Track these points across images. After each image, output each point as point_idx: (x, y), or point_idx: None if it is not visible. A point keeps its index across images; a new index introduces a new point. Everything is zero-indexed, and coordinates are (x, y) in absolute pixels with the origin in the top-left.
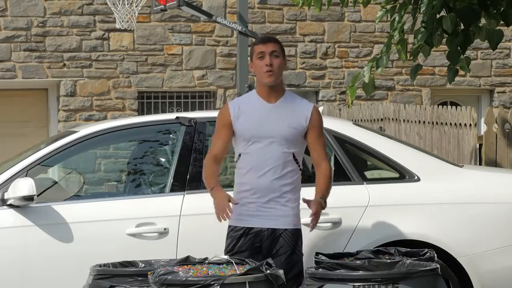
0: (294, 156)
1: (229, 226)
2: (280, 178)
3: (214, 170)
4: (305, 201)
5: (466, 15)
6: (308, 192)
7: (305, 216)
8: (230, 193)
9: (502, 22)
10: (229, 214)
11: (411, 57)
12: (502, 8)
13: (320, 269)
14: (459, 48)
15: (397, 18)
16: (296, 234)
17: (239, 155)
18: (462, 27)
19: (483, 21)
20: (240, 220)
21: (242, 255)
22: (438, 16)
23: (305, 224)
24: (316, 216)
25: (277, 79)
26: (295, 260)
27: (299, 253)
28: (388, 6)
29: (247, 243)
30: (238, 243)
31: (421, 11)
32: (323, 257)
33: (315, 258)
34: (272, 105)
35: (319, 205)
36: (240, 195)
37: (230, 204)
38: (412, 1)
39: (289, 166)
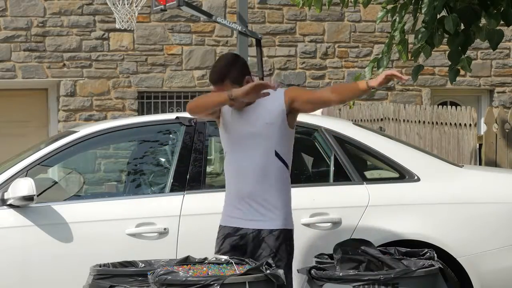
0: (277, 154)
1: (219, 226)
2: (263, 178)
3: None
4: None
5: (466, 15)
6: (308, 193)
7: (305, 216)
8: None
9: (502, 22)
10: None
11: (412, 58)
12: (502, 8)
13: (320, 269)
14: (460, 48)
15: (397, 19)
16: (281, 237)
17: (225, 153)
18: (463, 27)
19: (483, 21)
20: (229, 219)
21: (227, 255)
22: (438, 16)
23: (305, 224)
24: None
25: None
26: (277, 263)
27: (283, 254)
28: (389, 7)
29: (231, 244)
30: (222, 244)
31: (423, 11)
32: (323, 257)
33: (315, 258)
34: (248, 106)
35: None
36: (228, 196)
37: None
38: (412, 1)
39: (273, 165)
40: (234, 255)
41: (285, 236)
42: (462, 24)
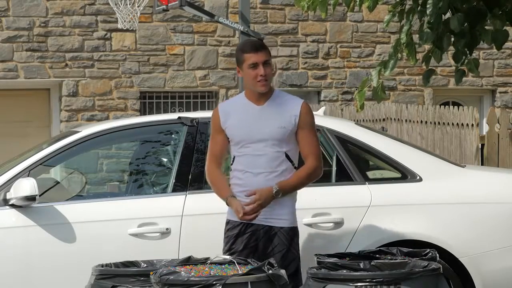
0: (287, 155)
1: (227, 222)
2: (274, 178)
3: (220, 176)
4: (250, 194)
5: (472, 15)
6: (310, 193)
7: (308, 216)
8: None
9: (507, 22)
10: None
11: (422, 63)
12: (507, 9)
13: (322, 270)
14: (465, 49)
15: (405, 24)
16: (291, 233)
17: (233, 158)
18: (468, 27)
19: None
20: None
21: (239, 255)
22: (444, 18)
23: (307, 224)
24: (252, 206)
25: (269, 86)
26: (290, 258)
27: (294, 251)
28: (397, 8)
29: (243, 242)
30: (234, 242)
31: (427, 12)
32: (325, 258)
33: (317, 258)
34: (261, 107)
35: (265, 195)
36: (237, 196)
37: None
38: (420, 4)
39: (283, 166)
40: (248, 254)
41: (295, 233)
42: (467, 25)
